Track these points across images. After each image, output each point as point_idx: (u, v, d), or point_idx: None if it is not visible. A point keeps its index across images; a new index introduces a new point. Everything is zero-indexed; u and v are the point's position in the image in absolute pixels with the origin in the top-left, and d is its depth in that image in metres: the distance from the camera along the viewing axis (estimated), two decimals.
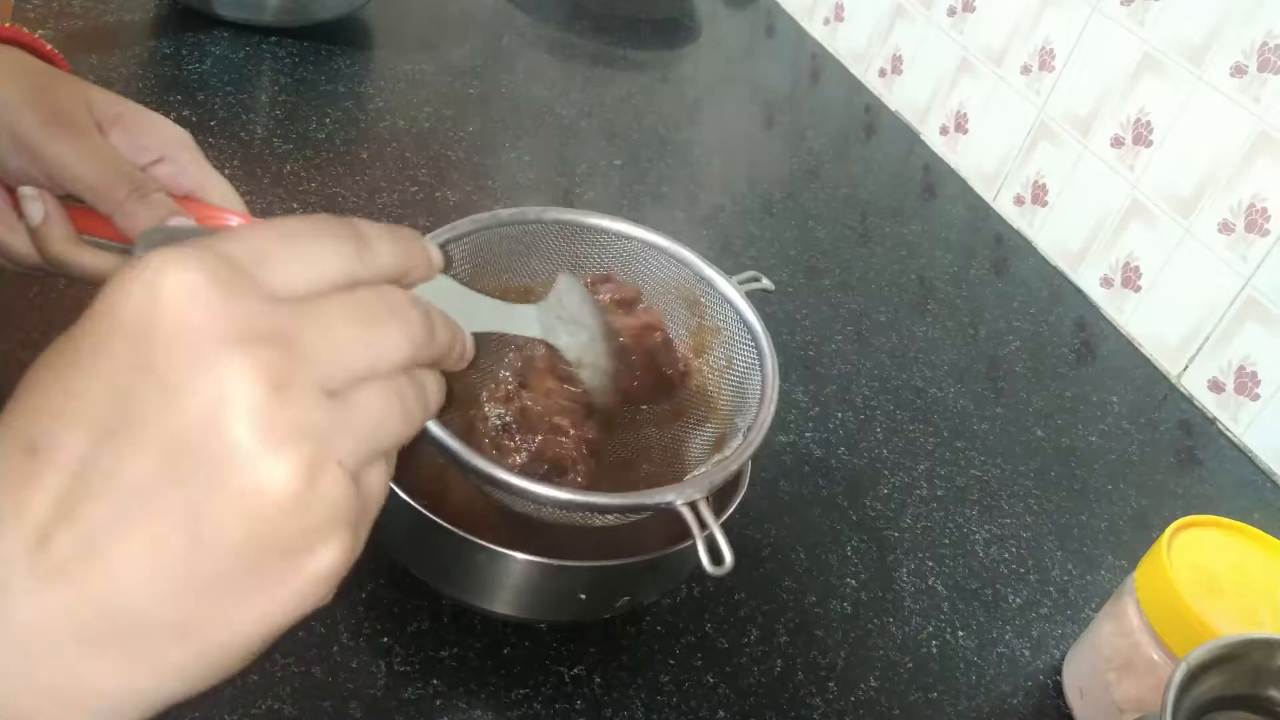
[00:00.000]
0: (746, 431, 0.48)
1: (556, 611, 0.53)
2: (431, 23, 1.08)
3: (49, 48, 0.49)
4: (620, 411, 0.53)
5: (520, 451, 0.51)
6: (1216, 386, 0.86)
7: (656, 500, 0.43)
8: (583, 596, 0.50)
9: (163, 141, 0.47)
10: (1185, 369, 0.89)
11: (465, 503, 0.52)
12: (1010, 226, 1.05)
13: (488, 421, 0.52)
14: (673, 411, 0.55)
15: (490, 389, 0.52)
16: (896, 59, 1.20)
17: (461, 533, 0.47)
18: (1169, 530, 0.55)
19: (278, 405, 0.23)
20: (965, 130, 1.11)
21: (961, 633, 0.61)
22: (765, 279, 0.55)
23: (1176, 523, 0.56)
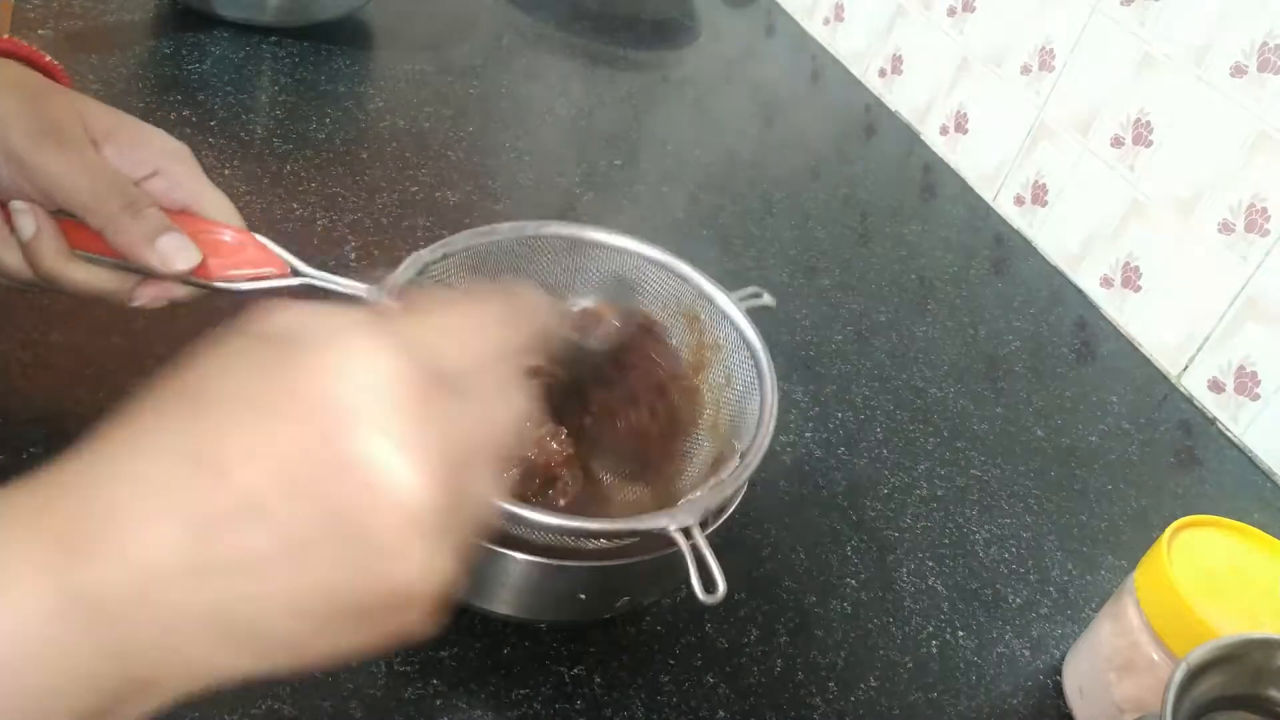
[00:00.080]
0: (743, 455, 0.48)
1: (556, 611, 0.53)
2: (431, 23, 1.09)
3: (47, 59, 0.49)
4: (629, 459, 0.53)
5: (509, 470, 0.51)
6: (1216, 386, 0.86)
7: (649, 526, 0.43)
8: (583, 596, 0.50)
9: (158, 155, 0.47)
10: (1185, 369, 0.89)
11: None
12: (1010, 226, 1.05)
13: None
14: (670, 429, 0.55)
15: None
16: (896, 59, 1.20)
17: None
18: (1169, 530, 0.55)
19: (433, 512, 0.26)
20: (965, 130, 1.11)
21: (961, 633, 0.61)
22: (767, 295, 0.55)
23: (1176, 523, 0.56)
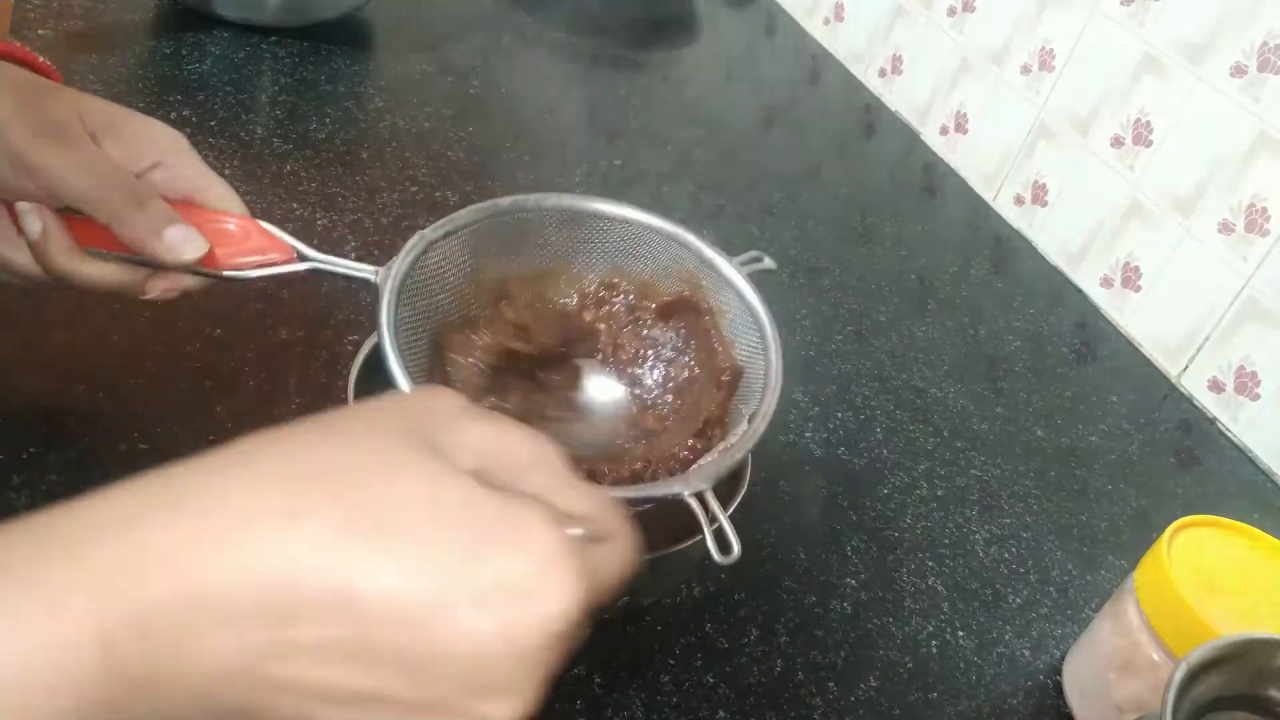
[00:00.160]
0: (751, 419, 0.48)
1: None
2: (431, 23, 1.08)
3: (41, 60, 0.49)
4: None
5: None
6: (1216, 386, 0.86)
7: (663, 492, 0.43)
8: None
9: (157, 146, 0.46)
10: (1185, 369, 0.89)
11: None
12: (1010, 226, 1.05)
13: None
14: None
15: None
16: (896, 59, 1.20)
17: None
18: (1169, 530, 0.55)
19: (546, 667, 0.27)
20: (965, 130, 1.11)
21: (961, 633, 0.61)
22: (768, 258, 0.55)
23: (1176, 523, 0.56)
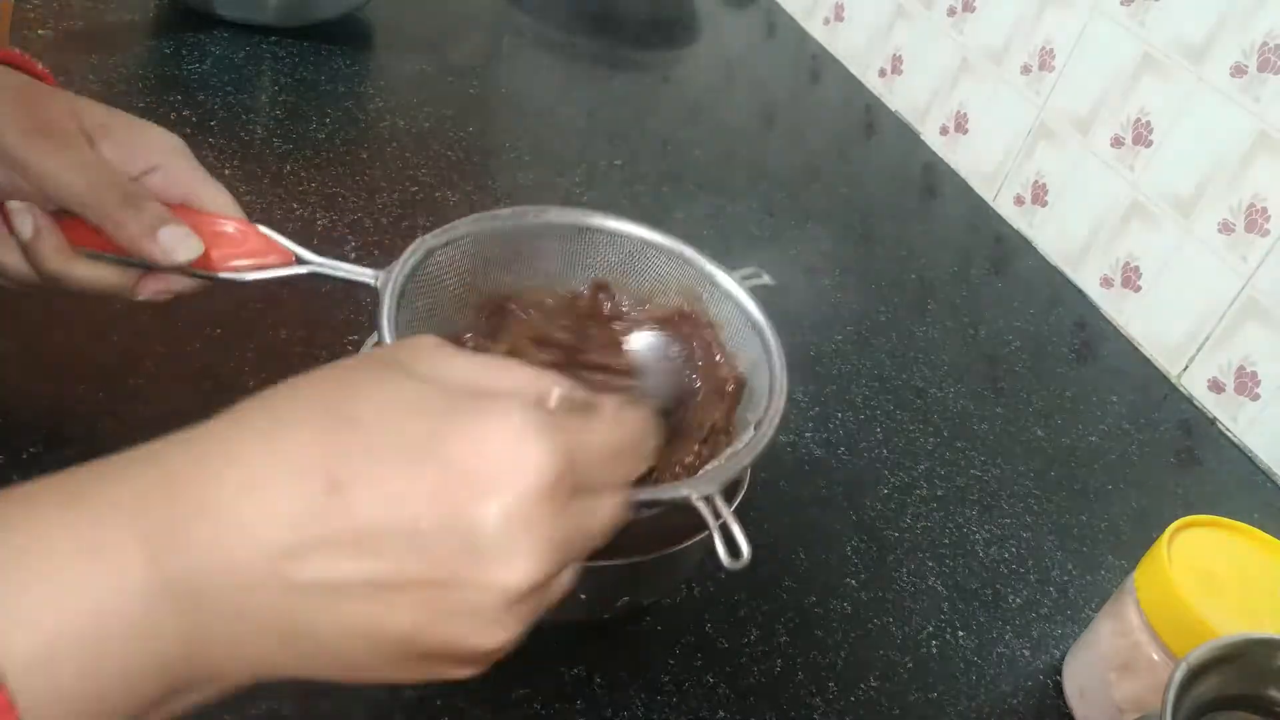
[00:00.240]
0: (757, 425, 0.48)
1: (556, 611, 0.52)
2: (431, 23, 1.08)
3: (40, 67, 0.49)
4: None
5: None
6: (1216, 386, 0.86)
7: (671, 495, 0.43)
8: (583, 596, 0.50)
9: (154, 150, 0.46)
10: (1185, 369, 0.89)
11: None
12: (1010, 226, 1.05)
13: None
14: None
15: None
16: (896, 59, 1.20)
17: None
18: (1169, 530, 0.55)
19: (531, 597, 0.29)
20: (965, 130, 1.11)
21: (961, 633, 0.61)
22: (766, 275, 0.55)
23: (1176, 523, 0.56)
